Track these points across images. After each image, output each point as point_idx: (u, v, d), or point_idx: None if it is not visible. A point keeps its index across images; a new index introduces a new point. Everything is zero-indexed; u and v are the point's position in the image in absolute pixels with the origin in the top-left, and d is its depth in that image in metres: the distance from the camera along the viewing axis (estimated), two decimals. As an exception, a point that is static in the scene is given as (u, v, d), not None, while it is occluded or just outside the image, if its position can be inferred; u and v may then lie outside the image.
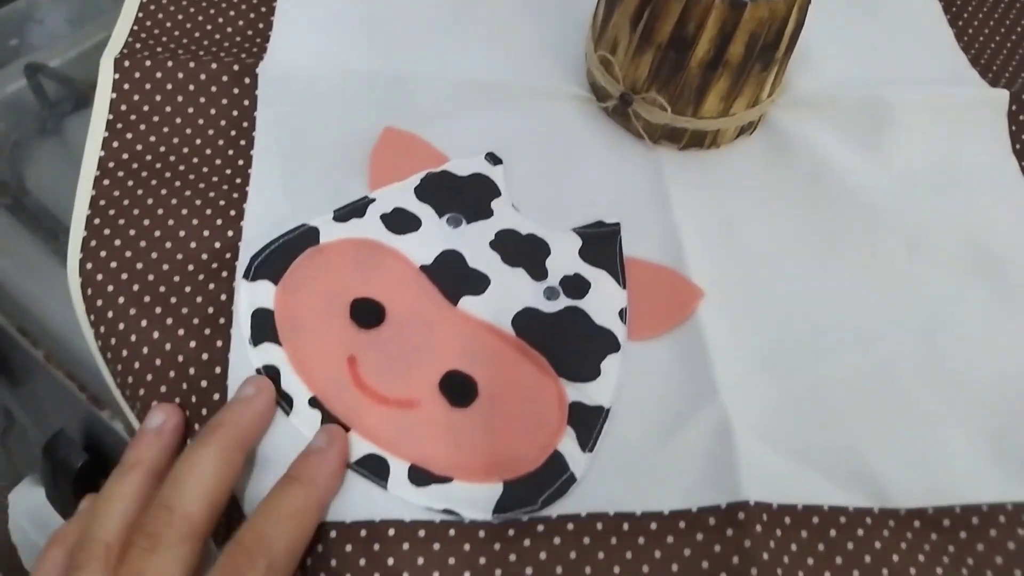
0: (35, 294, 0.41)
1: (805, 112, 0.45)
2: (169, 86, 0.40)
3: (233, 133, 0.40)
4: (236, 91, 0.41)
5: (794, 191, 0.43)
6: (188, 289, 0.35)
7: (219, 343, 0.33)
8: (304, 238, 0.36)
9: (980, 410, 0.37)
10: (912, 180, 0.44)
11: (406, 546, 0.30)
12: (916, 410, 0.36)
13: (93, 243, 0.35)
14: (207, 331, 0.34)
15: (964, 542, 0.33)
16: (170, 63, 0.40)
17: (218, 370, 0.33)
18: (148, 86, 0.40)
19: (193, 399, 0.32)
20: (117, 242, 0.36)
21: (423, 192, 0.39)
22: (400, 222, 0.38)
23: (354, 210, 0.38)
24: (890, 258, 0.41)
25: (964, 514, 0.34)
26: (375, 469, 0.31)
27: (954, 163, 0.45)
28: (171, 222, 0.36)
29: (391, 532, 0.30)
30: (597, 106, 0.44)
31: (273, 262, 0.35)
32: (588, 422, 0.34)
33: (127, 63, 0.40)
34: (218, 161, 0.39)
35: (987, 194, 0.44)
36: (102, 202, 0.37)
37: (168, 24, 0.43)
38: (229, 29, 0.44)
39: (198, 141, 0.39)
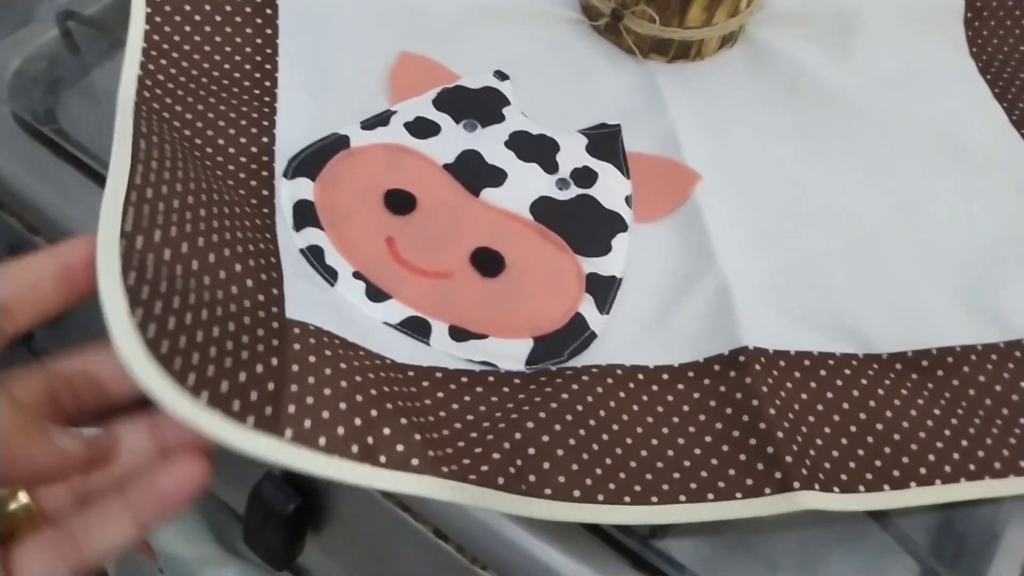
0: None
1: (782, 26, 0.49)
2: (197, 17, 0.43)
3: (259, 58, 0.43)
4: (259, 20, 0.44)
5: (775, 97, 0.47)
6: (231, 183, 0.37)
7: (266, 233, 0.36)
8: (336, 144, 0.40)
9: (953, 270, 0.41)
10: (883, 82, 0.48)
11: (453, 386, 0.33)
12: (896, 272, 0.41)
13: (139, 153, 0.37)
14: (254, 221, 0.37)
15: (941, 379, 0.37)
16: None
17: (263, 247, 0.35)
18: (178, 18, 0.43)
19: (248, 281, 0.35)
20: (156, 153, 0.37)
21: (440, 103, 0.43)
22: (422, 128, 0.41)
23: (379, 120, 0.42)
24: (867, 150, 0.46)
25: (940, 355, 0.38)
26: (418, 329, 0.35)
27: (918, 65, 0.50)
28: (210, 132, 0.40)
29: (439, 375, 0.34)
30: (589, 25, 0.48)
31: (309, 163, 0.39)
32: (603, 289, 0.38)
33: None
34: (247, 83, 0.42)
35: (948, 91, 0.49)
36: (143, 126, 0.40)
37: None
38: None
39: (227, 66, 0.43)
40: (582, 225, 0.40)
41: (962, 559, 0.34)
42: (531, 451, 0.31)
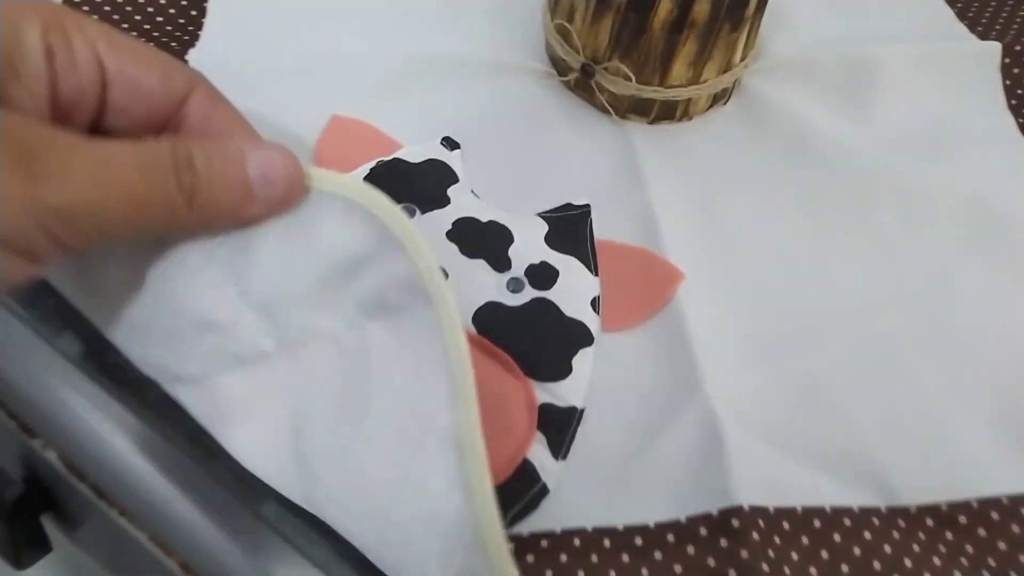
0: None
1: (782, 76, 0.42)
2: None
3: None
4: None
5: (775, 161, 0.40)
6: None
7: None
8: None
9: (990, 389, 0.33)
10: (902, 142, 0.41)
11: None
12: (920, 393, 0.33)
13: None
14: None
15: (984, 540, 0.30)
16: None
17: None
18: None
19: None
20: None
21: (372, 183, 0.35)
22: None
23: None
24: (883, 227, 0.38)
25: (982, 509, 0.30)
26: None
27: (946, 121, 0.42)
28: None
29: None
30: (558, 80, 0.41)
31: None
32: (560, 426, 0.30)
33: None
34: None
35: (982, 153, 0.41)
36: None
37: (105, 8, 0.40)
38: (161, 18, 0.41)
39: None
40: (537, 339, 0.32)
41: None
42: None
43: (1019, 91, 0.43)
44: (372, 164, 0.36)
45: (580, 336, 0.32)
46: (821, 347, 0.34)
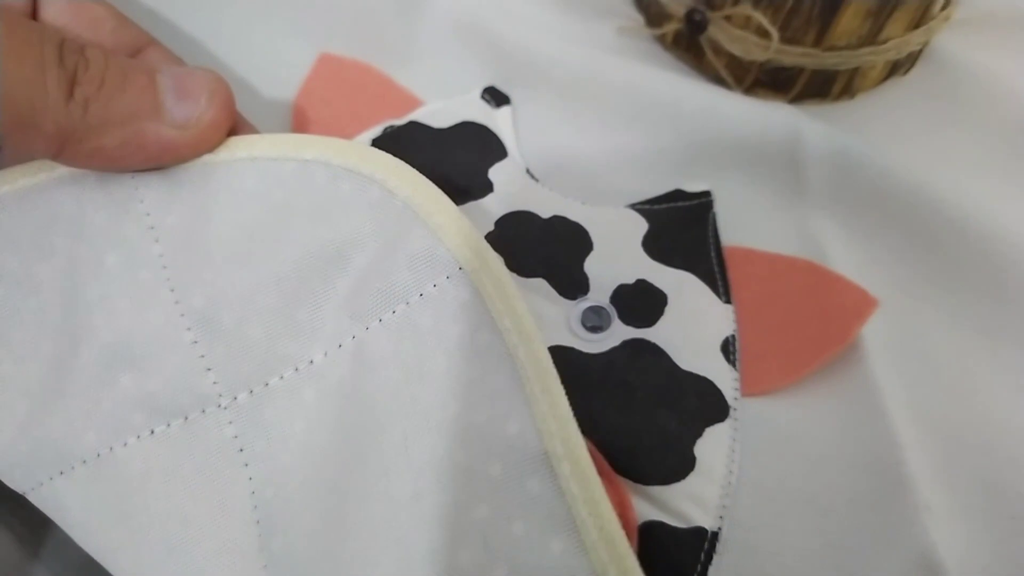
0: None
1: (989, 34, 0.29)
2: None
3: None
4: None
5: (981, 155, 0.26)
6: None
7: None
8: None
9: None
10: None
11: None
12: None
13: None
14: None
15: None
16: None
17: None
18: None
19: None
20: None
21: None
22: None
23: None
24: None
25: None
26: None
27: None
28: None
29: None
30: (651, 35, 0.29)
31: None
32: (678, 559, 0.16)
33: None
34: None
35: None
36: None
37: None
38: None
39: None
40: (634, 411, 0.19)
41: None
42: None
43: None
44: (378, 130, 0.24)
45: (707, 403, 0.19)
46: None
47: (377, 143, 0.24)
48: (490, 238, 0.21)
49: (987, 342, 0.22)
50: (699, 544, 0.17)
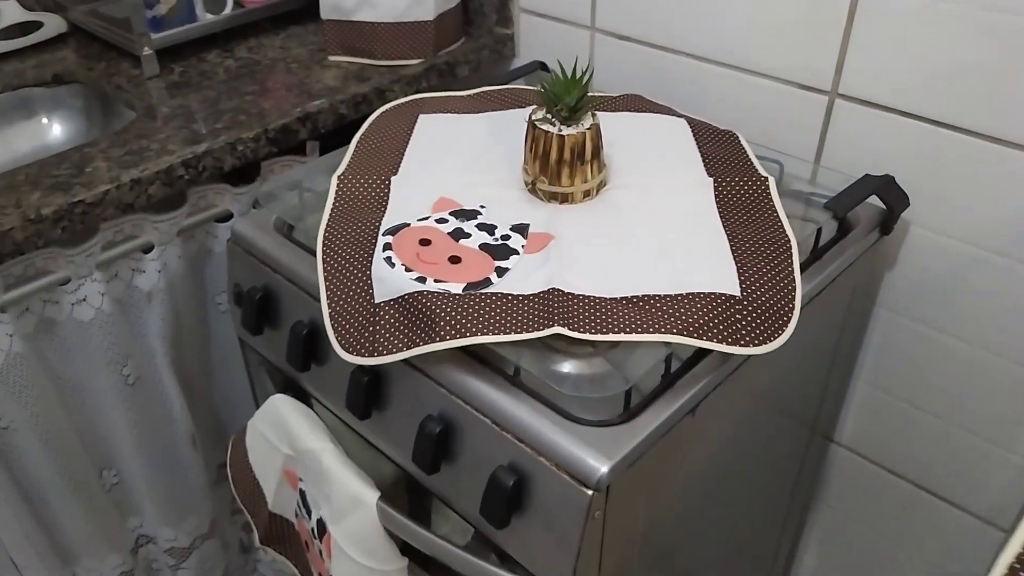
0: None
1: (620, 190, 1.04)
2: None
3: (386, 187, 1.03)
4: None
5: (613, 222, 1.01)
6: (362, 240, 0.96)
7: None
8: (403, 225, 0.97)
9: None
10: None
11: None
12: None
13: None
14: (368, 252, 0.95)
15: None
16: None
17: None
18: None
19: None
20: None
21: (450, 214, 1.01)
22: (439, 221, 0.99)
23: (423, 219, 0.99)
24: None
25: None
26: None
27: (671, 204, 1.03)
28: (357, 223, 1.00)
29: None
30: (526, 187, 1.05)
31: (391, 231, 0.96)
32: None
33: None
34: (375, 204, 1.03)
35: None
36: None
37: None
38: None
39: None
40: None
41: None
42: None
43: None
44: (450, 211, 1.02)
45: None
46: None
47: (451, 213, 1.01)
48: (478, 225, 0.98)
49: None
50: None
